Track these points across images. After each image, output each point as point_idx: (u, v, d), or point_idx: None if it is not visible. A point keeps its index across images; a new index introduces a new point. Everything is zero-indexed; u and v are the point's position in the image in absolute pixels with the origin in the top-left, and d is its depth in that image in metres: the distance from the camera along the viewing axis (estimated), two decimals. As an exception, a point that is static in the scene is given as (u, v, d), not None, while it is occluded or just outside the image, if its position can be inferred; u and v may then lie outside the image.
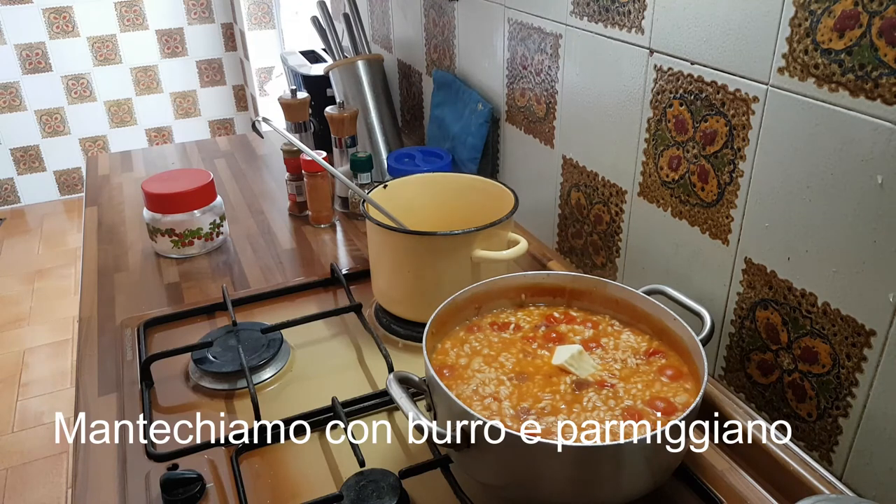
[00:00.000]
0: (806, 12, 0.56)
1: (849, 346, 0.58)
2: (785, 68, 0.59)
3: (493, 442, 0.55)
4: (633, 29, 0.76)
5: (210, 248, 1.13)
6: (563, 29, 0.89)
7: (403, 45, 1.49)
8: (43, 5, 3.09)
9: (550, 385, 0.64)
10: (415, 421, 0.57)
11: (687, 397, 0.62)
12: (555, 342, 0.70)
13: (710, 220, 0.71)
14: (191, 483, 0.65)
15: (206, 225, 1.11)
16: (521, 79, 1.02)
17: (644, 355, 0.68)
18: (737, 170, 0.66)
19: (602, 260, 0.92)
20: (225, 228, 1.16)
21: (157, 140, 3.53)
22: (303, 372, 0.84)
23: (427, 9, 1.31)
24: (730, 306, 0.71)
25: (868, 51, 0.51)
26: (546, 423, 0.59)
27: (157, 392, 0.80)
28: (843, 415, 0.60)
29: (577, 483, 0.56)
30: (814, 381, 0.63)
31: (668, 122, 0.74)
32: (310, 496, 0.64)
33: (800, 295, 0.62)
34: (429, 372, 0.61)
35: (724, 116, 0.66)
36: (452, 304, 0.71)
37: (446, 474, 0.65)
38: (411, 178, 0.96)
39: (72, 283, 2.88)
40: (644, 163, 0.79)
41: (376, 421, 0.75)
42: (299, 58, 1.68)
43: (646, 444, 0.55)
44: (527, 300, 0.76)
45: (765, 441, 0.65)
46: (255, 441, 0.71)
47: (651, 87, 0.75)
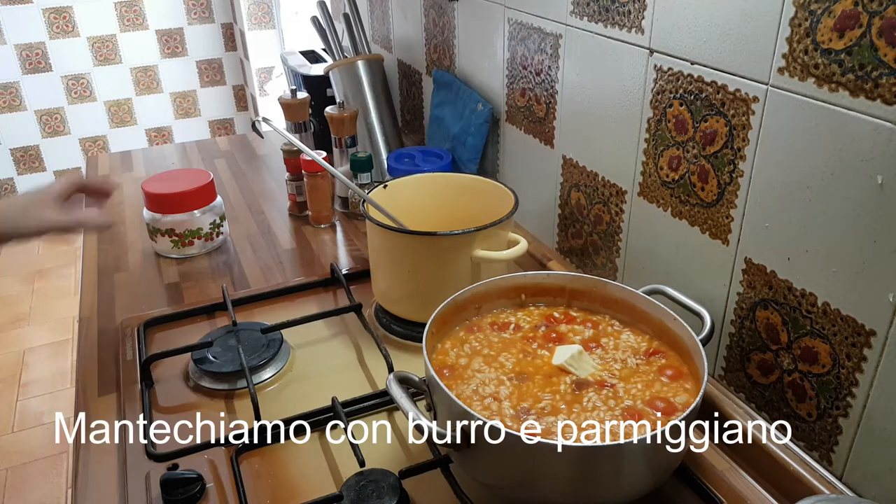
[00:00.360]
0: (806, 12, 0.56)
1: (849, 346, 0.58)
2: (785, 68, 0.59)
3: (493, 442, 0.55)
4: (633, 29, 0.76)
5: (210, 248, 1.13)
6: (563, 29, 0.89)
7: (403, 45, 1.49)
8: (43, 5, 3.09)
9: (550, 385, 0.64)
10: (415, 421, 0.57)
11: (687, 397, 0.62)
12: (555, 342, 0.70)
13: (710, 220, 0.71)
14: (191, 483, 0.65)
15: (206, 225, 1.11)
16: (521, 79, 1.02)
17: (644, 355, 0.68)
18: (737, 170, 0.66)
19: (602, 260, 0.92)
20: (225, 228, 1.16)
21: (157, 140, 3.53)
22: (303, 372, 0.84)
23: (427, 9, 1.31)
24: (730, 306, 0.71)
25: (868, 51, 0.51)
26: (546, 424, 0.59)
27: (157, 392, 0.80)
28: (843, 415, 0.60)
29: (577, 483, 0.56)
30: (814, 381, 0.63)
31: (668, 122, 0.74)
32: (310, 496, 0.64)
33: (800, 295, 0.62)
34: (429, 372, 0.61)
35: (724, 116, 0.66)
36: (452, 304, 0.71)
37: (446, 474, 0.65)
38: (411, 178, 0.96)
39: (72, 283, 2.88)
40: (644, 163, 0.79)
41: (376, 421, 0.75)
42: (299, 58, 1.68)
43: (646, 445, 0.55)
44: (527, 300, 0.76)
45: (765, 441, 0.65)
46: (256, 441, 0.71)
47: (651, 87, 0.75)
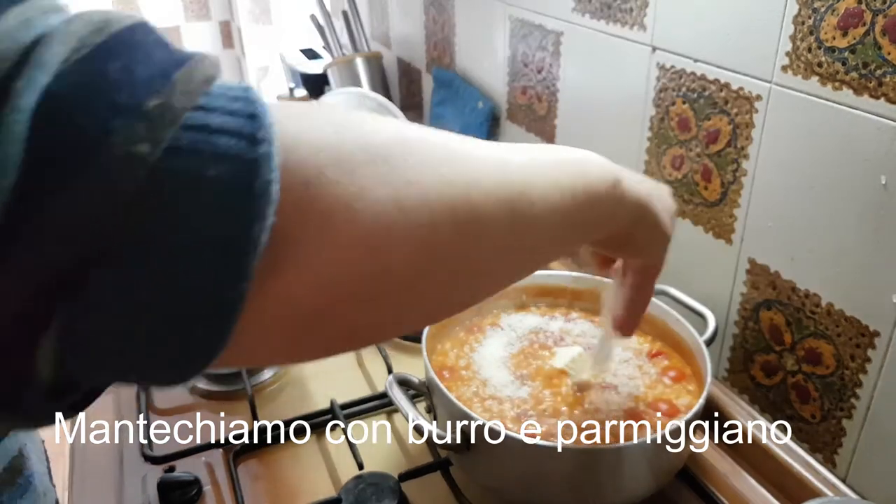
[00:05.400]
0: (809, 10, 0.55)
1: (853, 347, 0.58)
2: (788, 66, 0.58)
3: (493, 443, 0.54)
4: (635, 26, 0.75)
5: (208, 247, 1.12)
6: (565, 26, 0.88)
7: (403, 42, 1.48)
8: (41, 3, 3.08)
9: (551, 387, 0.63)
10: (414, 422, 0.56)
11: (690, 399, 0.61)
12: (556, 343, 0.69)
13: (714, 219, 0.70)
14: (188, 486, 0.64)
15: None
16: (523, 76, 1.01)
17: (647, 357, 0.67)
18: (740, 169, 0.65)
19: (603, 259, 0.91)
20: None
21: (156, 138, 3.52)
22: (301, 373, 0.83)
23: (427, 6, 1.31)
24: (733, 307, 0.70)
25: (872, 49, 0.51)
26: (546, 425, 0.59)
27: (154, 393, 0.80)
28: (847, 416, 0.60)
29: (578, 485, 0.55)
30: (817, 382, 0.62)
31: (671, 121, 0.73)
32: (308, 499, 0.63)
33: (803, 295, 0.62)
34: (428, 373, 0.61)
35: (728, 115, 0.65)
36: (452, 304, 0.70)
37: (446, 477, 0.65)
38: (411, 176, 0.96)
39: (70, 281, 2.87)
40: (647, 161, 0.78)
41: (376, 422, 0.74)
42: (298, 55, 1.67)
43: (647, 446, 0.54)
44: (528, 301, 0.76)
45: (765, 441, 0.65)
46: (255, 441, 0.71)
47: (654, 84, 0.74)
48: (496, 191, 0.32)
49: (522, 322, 0.73)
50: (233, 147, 0.22)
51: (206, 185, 0.22)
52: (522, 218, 0.33)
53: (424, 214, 0.28)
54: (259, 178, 0.22)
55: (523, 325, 0.72)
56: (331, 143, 0.26)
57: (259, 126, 0.23)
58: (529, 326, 0.72)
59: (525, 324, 0.72)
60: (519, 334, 0.71)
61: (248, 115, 0.23)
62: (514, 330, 0.71)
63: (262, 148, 0.23)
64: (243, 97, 0.24)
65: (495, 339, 0.70)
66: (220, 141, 0.22)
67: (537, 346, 0.69)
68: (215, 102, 0.23)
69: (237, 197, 0.22)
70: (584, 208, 0.38)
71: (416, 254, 0.29)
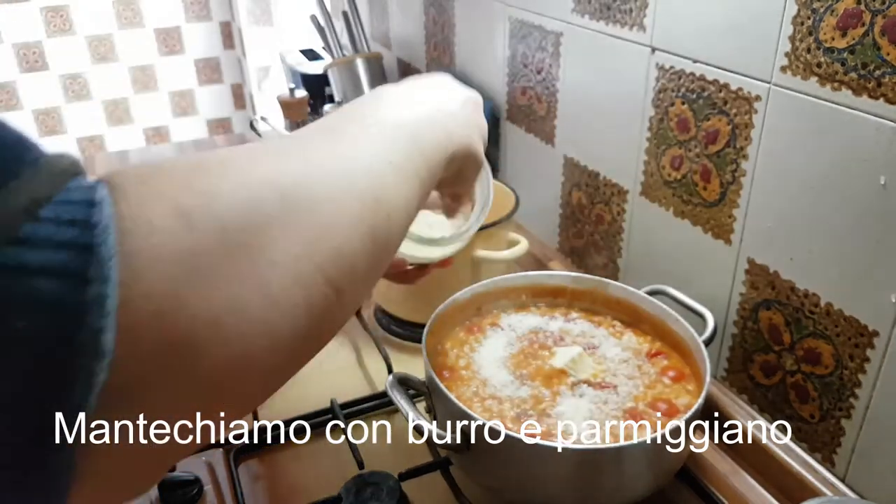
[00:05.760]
0: (808, 10, 0.55)
1: (852, 346, 0.58)
2: (787, 67, 0.58)
3: (492, 443, 0.54)
4: (634, 27, 0.75)
5: (208, 247, 1.12)
6: (565, 27, 0.88)
7: (403, 42, 1.48)
8: (40, 4, 3.08)
9: (551, 387, 0.63)
10: (415, 422, 0.56)
11: (689, 399, 0.62)
12: (555, 343, 0.69)
13: (713, 219, 0.70)
14: (188, 485, 0.64)
15: (204, 224, 1.10)
16: (522, 77, 1.02)
17: (646, 356, 0.67)
18: (739, 169, 0.65)
19: (603, 260, 0.91)
20: (223, 228, 1.15)
21: (155, 140, 3.52)
22: (301, 373, 0.83)
23: (427, 6, 1.31)
24: (732, 307, 0.70)
25: (871, 49, 0.51)
26: (546, 425, 0.59)
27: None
28: (846, 416, 0.60)
29: (577, 485, 0.55)
30: (816, 382, 0.62)
31: (671, 121, 0.73)
32: (308, 499, 0.63)
33: (803, 295, 0.62)
34: (428, 373, 0.61)
35: (727, 115, 0.66)
36: (452, 304, 0.70)
37: (446, 477, 0.65)
38: (411, 177, 0.96)
39: (70, 282, 2.87)
40: (646, 162, 0.79)
41: (376, 422, 0.74)
42: (298, 56, 1.67)
43: (647, 446, 0.54)
44: (528, 301, 0.76)
45: (765, 441, 0.65)
46: (256, 441, 0.71)
47: (653, 85, 0.75)
48: (358, 226, 0.30)
49: (522, 322, 0.73)
50: (53, 292, 0.18)
51: (14, 344, 0.18)
52: (385, 238, 0.33)
53: (299, 297, 0.27)
54: (83, 328, 0.19)
55: (523, 325, 0.72)
56: (185, 245, 0.22)
57: (91, 260, 0.19)
58: (529, 326, 0.72)
59: (525, 324, 0.72)
60: (519, 334, 0.71)
61: (81, 246, 0.19)
62: (514, 330, 0.71)
63: (93, 290, 0.19)
64: (81, 220, 0.19)
65: (495, 338, 0.70)
66: (37, 284, 0.18)
67: (537, 345, 0.69)
68: (41, 232, 0.19)
69: (53, 355, 0.19)
70: (427, 183, 0.38)
71: (296, 340, 0.29)
